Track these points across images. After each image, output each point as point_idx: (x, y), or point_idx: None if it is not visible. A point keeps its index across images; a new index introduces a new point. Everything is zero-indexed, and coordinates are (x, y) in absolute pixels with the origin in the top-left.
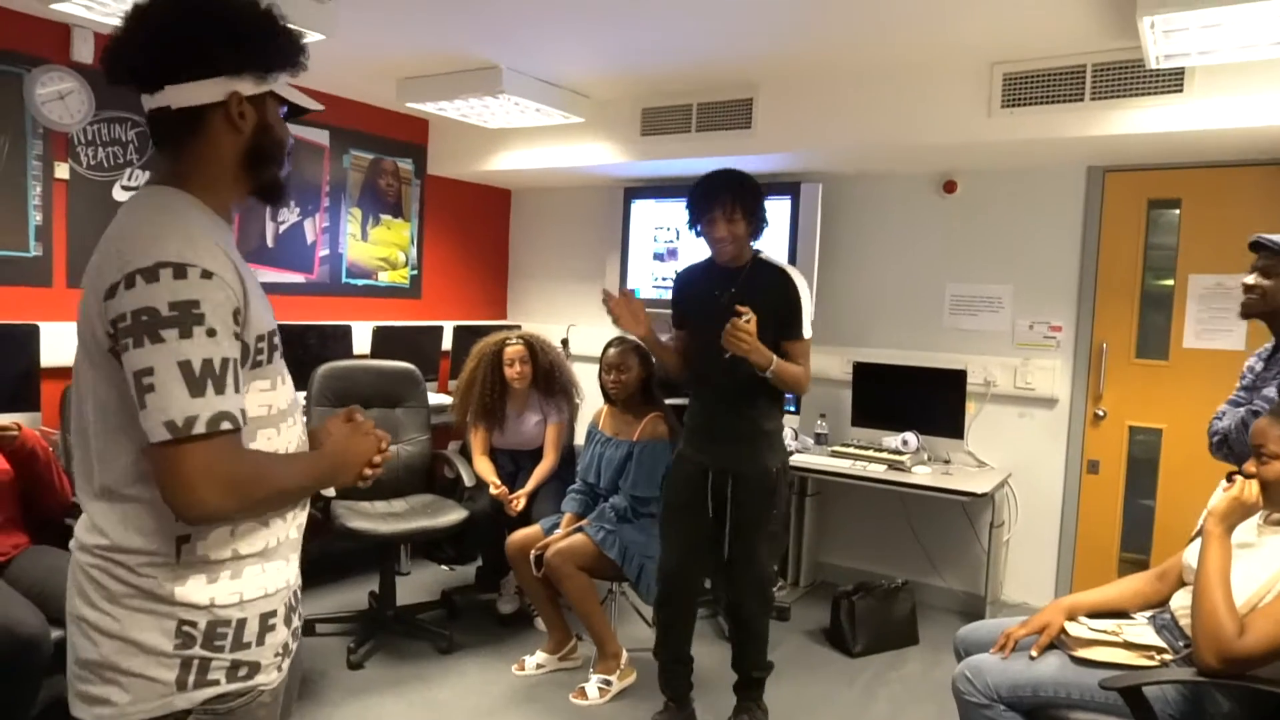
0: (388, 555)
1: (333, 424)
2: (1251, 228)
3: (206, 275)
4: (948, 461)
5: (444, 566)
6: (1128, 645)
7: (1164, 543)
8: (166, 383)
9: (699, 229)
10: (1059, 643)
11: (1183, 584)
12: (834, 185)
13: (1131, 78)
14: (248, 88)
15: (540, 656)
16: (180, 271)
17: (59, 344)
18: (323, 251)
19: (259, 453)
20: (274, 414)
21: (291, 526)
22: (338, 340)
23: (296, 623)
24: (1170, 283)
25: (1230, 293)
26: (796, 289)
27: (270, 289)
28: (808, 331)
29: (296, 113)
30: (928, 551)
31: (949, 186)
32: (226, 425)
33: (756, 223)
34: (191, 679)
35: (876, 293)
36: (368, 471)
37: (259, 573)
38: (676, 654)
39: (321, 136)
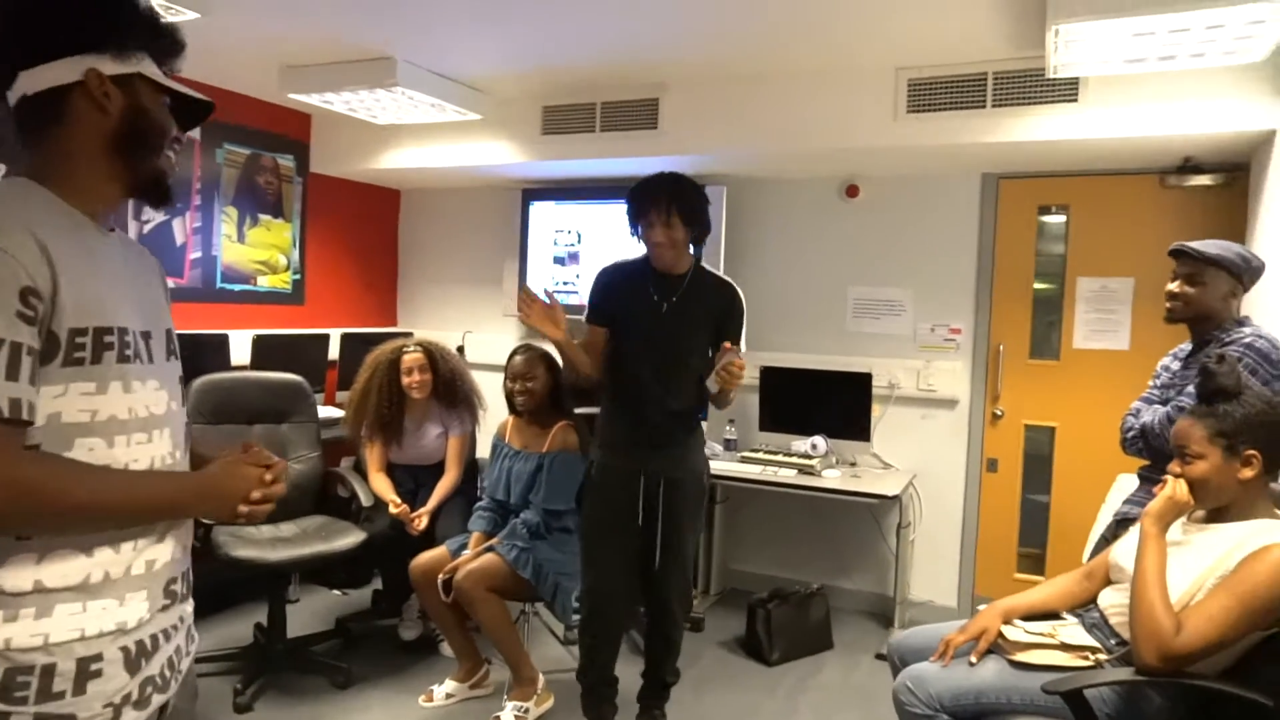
0: (276, 584)
1: (221, 453)
2: (1133, 233)
3: None
4: (854, 464)
5: (336, 591)
6: (1064, 647)
7: (1058, 537)
8: None
9: (638, 232)
10: (996, 647)
11: (1109, 582)
12: (738, 188)
13: (1030, 86)
14: (108, 66)
15: (450, 685)
16: None
17: None
18: (194, 254)
19: (54, 457)
20: (102, 422)
21: (137, 559)
22: (213, 350)
23: (154, 670)
24: (1060, 286)
25: (1115, 294)
26: (741, 303)
27: None
28: (744, 345)
29: (188, 116)
30: (836, 554)
31: (851, 191)
32: None
33: (697, 229)
34: None
35: (781, 296)
36: (243, 509)
37: (77, 610)
38: (603, 675)
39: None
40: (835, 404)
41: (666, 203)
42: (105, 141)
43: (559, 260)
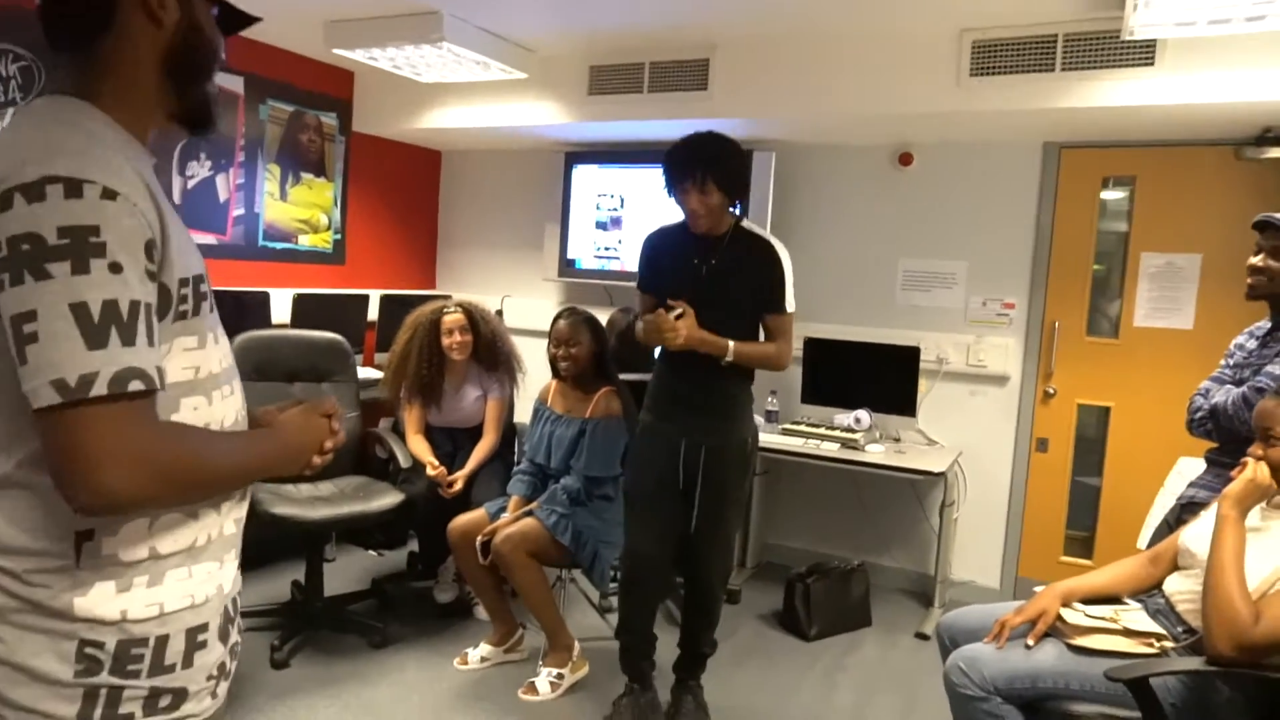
0: (315, 543)
1: (279, 408)
2: (1203, 207)
3: (109, 195)
4: (898, 440)
5: (373, 552)
6: (1127, 632)
7: (1109, 520)
8: (55, 331)
9: (674, 196)
10: (1055, 630)
11: (1177, 568)
12: (787, 154)
13: (1103, 49)
14: None
15: (484, 649)
16: (74, 188)
17: None
18: (237, 211)
19: (185, 426)
20: (203, 378)
21: (227, 520)
22: (255, 308)
23: (235, 638)
24: (1121, 261)
25: (1180, 271)
26: (781, 261)
27: None
28: (790, 305)
29: (229, 24)
30: (877, 531)
31: (905, 159)
32: (137, 385)
33: (735, 191)
34: (98, 713)
35: (829, 267)
36: (317, 460)
37: (184, 577)
38: (643, 633)
39: (235, 84)
40: (881, 378)
41: (702, 170)
42: (157, 59)
43: (601, 225)
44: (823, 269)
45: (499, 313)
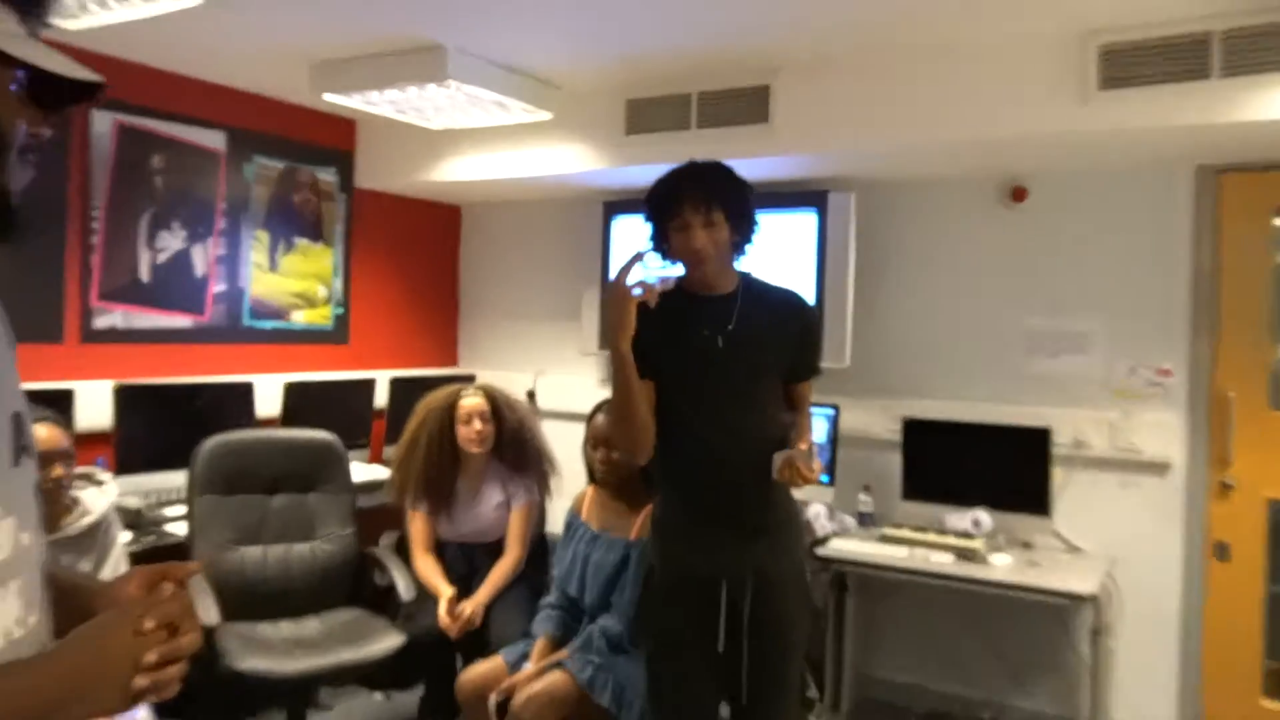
0: (298, 697)
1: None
2: None
3: None
4: (1029, 546)
5: (378, 695)
6: None
7: None
8: None
9: (664, 244)
10: None
11: None
12: (870, 194)
13: (1273, 47)
14: None
15: None
16: None
17: None
18: (218, 287)
19: None
20: None
21: None
22: (236, 401)
23: None
24: None
25: None
26: (816, 314)
27: (147, 336)
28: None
29: (56, 96)
30: (1008, 663)
31: (1017, 194)
32: None
33: (744, 231)
34: None
35: (929, 330)
36: (142, 682)
37: None
38: None
39: (216, 140)
40: (1002, 468)
41: (705, 195)
42: None
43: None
44: (921, 333)
45: (531, 394)
